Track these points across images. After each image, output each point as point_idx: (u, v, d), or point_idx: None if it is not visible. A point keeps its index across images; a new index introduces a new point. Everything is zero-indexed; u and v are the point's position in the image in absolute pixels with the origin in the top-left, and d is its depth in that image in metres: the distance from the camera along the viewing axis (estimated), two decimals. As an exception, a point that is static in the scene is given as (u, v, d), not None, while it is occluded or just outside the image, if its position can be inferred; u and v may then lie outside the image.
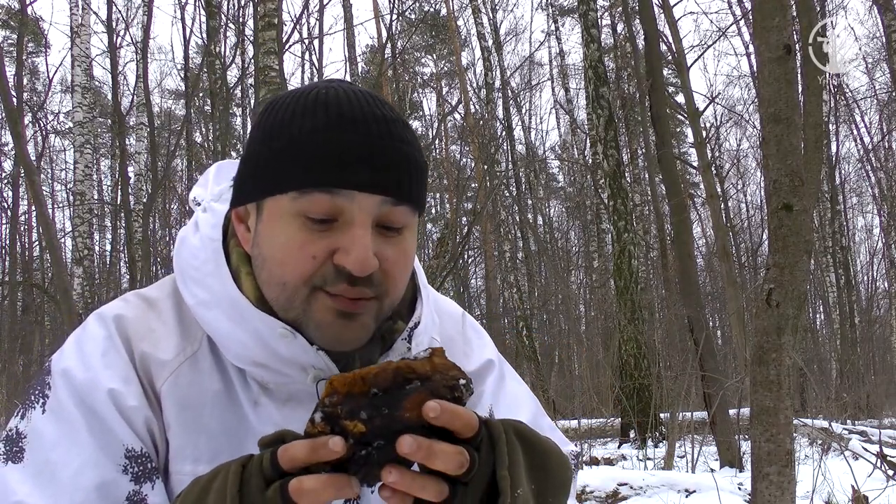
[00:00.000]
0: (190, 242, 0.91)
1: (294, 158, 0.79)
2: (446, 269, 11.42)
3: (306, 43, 16.91)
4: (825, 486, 5.35)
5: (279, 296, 0.83)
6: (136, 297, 0.92)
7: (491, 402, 1.00)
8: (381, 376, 0.65)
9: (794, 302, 2.80)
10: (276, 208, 0.81)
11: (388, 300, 0.84)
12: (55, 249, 10.12)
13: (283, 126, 0.81)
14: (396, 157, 0.80)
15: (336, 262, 0.79)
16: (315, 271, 0.80)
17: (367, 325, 0.83)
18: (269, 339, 0.83)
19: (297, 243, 0.80)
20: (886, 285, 21.80)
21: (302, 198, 0.79)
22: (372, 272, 0.80)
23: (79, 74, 12.35)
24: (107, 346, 0.85)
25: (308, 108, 0.81)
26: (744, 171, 24.27)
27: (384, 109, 0.82)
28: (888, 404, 15.18)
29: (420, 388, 0.65)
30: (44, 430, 0.81)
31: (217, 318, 0.85)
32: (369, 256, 0.78)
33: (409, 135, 0.83)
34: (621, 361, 10.81)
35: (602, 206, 15.09)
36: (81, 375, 0.83)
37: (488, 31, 20.44)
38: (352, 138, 0.79)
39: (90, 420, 0.81)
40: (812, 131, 3.53)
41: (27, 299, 18.13)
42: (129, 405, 0.82)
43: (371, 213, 0.79)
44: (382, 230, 0.81)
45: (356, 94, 0.83)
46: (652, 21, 9.69)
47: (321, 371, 0.84)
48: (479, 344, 1.06)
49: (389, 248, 0.82)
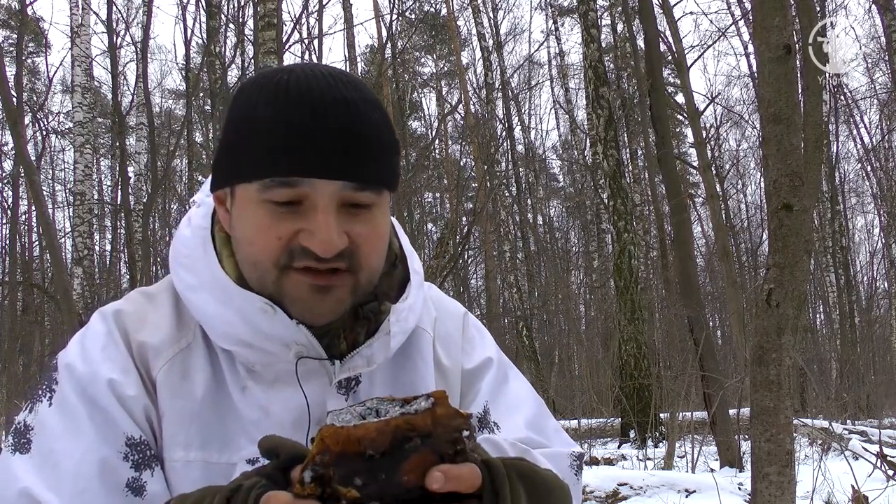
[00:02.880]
0: (182, 233, 0.95)
1: (255, 149, 0.82)
2: (446, 269, 11.42)
3: (306, 43, 16.90)
4: (825, 486, 5.35)
5: (253, 274, 0.87)
6: (138, 293, 0.96)
7: (488, 400, 1.00)
8: (379, 439, 0.61)
9: (794, 302, 2.80)
10: (244, 194, 0.85)
11: (363, 274, 0.86)
12: (55, 249, 10.12)
13: (246, 114, 0.84)
14: (357, 141, 0.82)
15: (302, 242, 0.83)
16: (282, 251, 0.84)
17: (341, 298, 0.86)
18: (252, 316, 0.86)
19: (264, 226, 0.83)
20: (886, 285, 21.79)
21: (265, 187, 0.82)
22: (340, 250, 0.83)
23: (79, 74, 12.35)
24: (106, 341, 0.89)
25: (269, 94, 0.83)
26: (744, 171, 24.30)
27: (346, 91, 0.83)
28: (888, 404, 15.18)
29: (420, 446, 0.62)
30: (49, 422, 0.84)
31: (204, 299, 0.88)
32: (333, 238, 0.82)
33: (374, 114, 0.84)
34: (621, 361, 10.81)
35: (602, 206, 15.09)
36: (82, 368, 0.86)
37: (488, 31, 20.45)
38: (310, 125, 0.81)
39: (91, 410, 0.84)
40: (812, 131, 3.53)
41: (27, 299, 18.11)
42: (128, 394, 0.86)
43: (333, 197, 0.82)
44: (349, 208, 0.84)
45: (319, 76, 0.84)
46: (652, 21, 9.69)
47: (303, 347, 0.87)
48: (481, 343, 1.06)
49: (358, 225, 0.84)
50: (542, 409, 1.03)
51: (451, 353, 1.01)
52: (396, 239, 1.00)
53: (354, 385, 0.93)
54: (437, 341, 1.01)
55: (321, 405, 0.90)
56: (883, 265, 22.32)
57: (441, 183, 22.22)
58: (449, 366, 1.00)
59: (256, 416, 0.88)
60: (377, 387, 0.94)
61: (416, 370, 0.97)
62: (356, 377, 0.93)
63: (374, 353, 0.91)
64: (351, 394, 0.92)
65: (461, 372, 1.02)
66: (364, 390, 0.93)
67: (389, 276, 0.96)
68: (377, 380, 0.94)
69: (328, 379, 0.90)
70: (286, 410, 0.88)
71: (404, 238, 1.01)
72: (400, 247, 0.99)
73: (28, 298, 17.87)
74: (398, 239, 1.00)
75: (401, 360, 0.96)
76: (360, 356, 0.90)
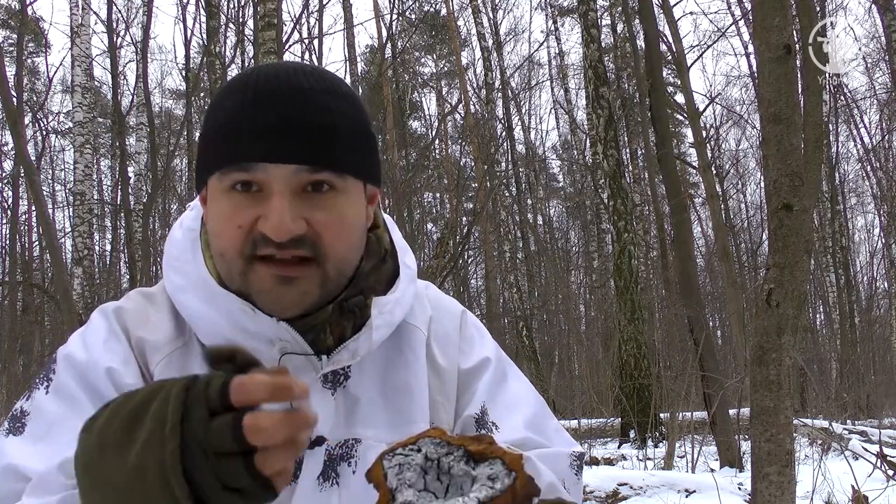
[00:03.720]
0: (174, 236, 0.96)
1: (216, 140, 0.85)
2: (446, 269, 11.42)
3: (306, 43, 16.90)
4: (825, 486, 5.35)
5: (223, 268, 0.88)
6: (137, 293, 0.98)
7: (485, 400, 0.99)
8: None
9: (794, 302, 2.80)
10: (213, 187, 0.87)
11: (329, 264, 0.86)
12: (55, 249, 10.12)
13: (212, 110, 0.88)
14: (311, 125, 0.83)
15: (259, 228, 0.83)
16: (244, 240, 0.84)
17: (307, 290, 0.86)
18: (235, 315, 0.87)
19: (227, 216, 0.85)
20: (886, 285, 21.79)
21: (224, 176, 0.84)
22: (300, 234, 0.83)
23: (79, 74, 12.35)
24: (108, 335, 0.90)
25: (232, 90, 0.86)
26: (744, 171, 24.29)
27: (305, 81, 0.85)
28: (888, 404, 15.18)
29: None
30: (46, 407, 0.85)
31: (190, 299, 0.90)
32: (285, 221, 0.82)
33: (335, 102, 0.85)
34: (621, 361, 10.81)
35: (602, 206, 15.09)
36: (82, 357, 0.88)
37: (488, 31, 20.45)
38: (263, 113, 0.82)
39: (91, 396, 0.85)
40: (812, 131, 3.53)
41: (27, 299, 18.11)
42: (126, 383, 0.86)
43: (287, 181, 0.83)
44: (310, 194, 0.84)
45: (281, 70, 0.86)
46: (652, 21, 9.69)
47: (287, 343, 0.88)
48: (480, 342, 1.05)
49: (318, 212, 0.84)
50: (542, 409, 1.03)
51: (447, 353, 1.01)
52: (387, 233, 0.99)
53: (343, 380, 0.93)
54: (432, 340, 1.00)
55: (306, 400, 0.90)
56: (883, 265, 22.33)
57: (441, 183, 22.21)
58: (445, 365, 1.00)
59: None
60: (367, 382, 0.94)
61: (407, 367, 0.97)
62: (345, 372, 0.93)
63: (359, 347, 0.91)
64: (339, 388, 0.92)
65: (458, 371, 1.01)
66: (353, 385, 0.93)
67: (378, 271, 0.96)
68: (367, 375, 0.94)
69: (315, 374, 0.90)
70: (271, 407, 0.88)
71: (396, 233, 1.01)
72: (391, 241, 0.99)
73: (28, 298, 17.87)
74: (389, 233, 1.00)
75: (392, 355, 0.96)
76: (346, 350, 0.91)
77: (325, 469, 0.90)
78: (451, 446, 0.64)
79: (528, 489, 0.62)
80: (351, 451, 0.91)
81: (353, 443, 0.91)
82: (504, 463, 0.62)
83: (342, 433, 0.91)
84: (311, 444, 0.89)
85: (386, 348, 0.95)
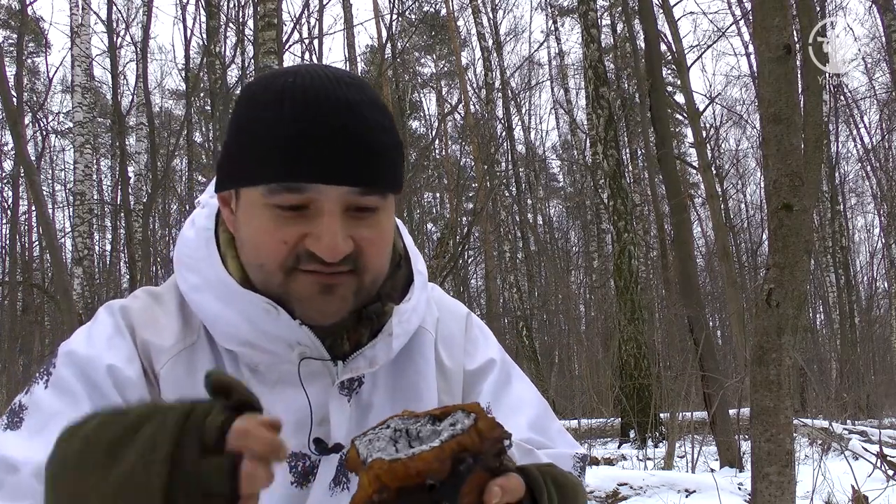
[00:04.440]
0: (185, 235, 0.95)
1: (260, 154, 0.82)
2: (446, 269, 11.41)
3: (306, 43, 16.89)
4: (825, 486, 5.35)
5: (259, 276, 0.87)
6: (144, 292, 0.97)
7: (489, 402, 1.00)
8: (438, 467, 0.60)
9: (794, 302, 2.80)
10: (250, 198, 0.85)
11: (367, 276, 0.87)
12: (55, 249, 10.12)
13: (250, 118, 0.84)
14: (363, 145, 0.82)
15: (308, 247, 0.83)
16: (288, 255, 0.84)
17: (346, 297, 0.86)
18: (255, 317, 0.86)
19: (270, 230, 0.83)
20: (886, 285, 21.78)
21: (270, 192, 0.82)
22: (349, 253, 0.83)
23: (79, 74, 12.34)
24: (113, 331, 0.90)
25: (274, 99, 0.83)
26: (744, 171, 24.28)
27: (350, 93, 0.83)
28: (888, 404, 15.18)
29: (473, 465, 0.62)
30: (44, 402, 0.85)
31: (207, 300, 0.89)
32: (338, 243, 0.82)
33: (377, 116, 0.84)
34: (621, 361, 10.81)
35: (602, 206, 15.09)
36: (84, 352, 0.87)
37: (488, 31, 20.45)
38: (315, 131, 0.80)
39: (91, 392, 0.84)
40: (812, 131, 3.53)
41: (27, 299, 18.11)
42: (127, 380, 0.86)
43: (339, 202, 0.82)
44: (355, 212, 0.84)
45: (323, 79, 0.83)
46: (652, 21, 9.69)
47: (306, 348, 0.87)
48: (484, 344, 1.06)
49: (363, 229, 0.85)
50: (545, 411, 1.03)
51: (453, 354, 1.01)
52: (401, 239, 1.00)
53: (357, 386, 0.93)
54: (439, 342, 1.01)
55: (323, 406, 0.90)
56: (883, 265, 22.32)
57: (441, 183, 22.21)
58: (451, 366, 1.00)
59: None
60: (380, 388, 0.94)
61: (417, 371, 0.97)
62: (359, 378, 0.93)
63: (376, 354, 0.91)
64: (353, 395, 0.92)
65: (463, 373, 1.02)
66: (366, 391, 0.93)
67: (393, 277, 0.96)
68: (380, 381, 0.95)
69: (331, 380, 0.90)
70: (288, 411, 0.88)
71: (408, 238, 1.01)
72: (404, 247, 1.00)
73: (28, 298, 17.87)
74: (402, 239, 1.00)
75: (403, 360, 0.96)
76: (363, 357, 0.91)
77: (337, 475, 0.90)
78: (418, 418, 0.67)
79: (497, 431, 0.63)
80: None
81: None
82: (463, 411, 0.64)
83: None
84: (329, 450, 0.89)
85: (397, 353, 0.95)
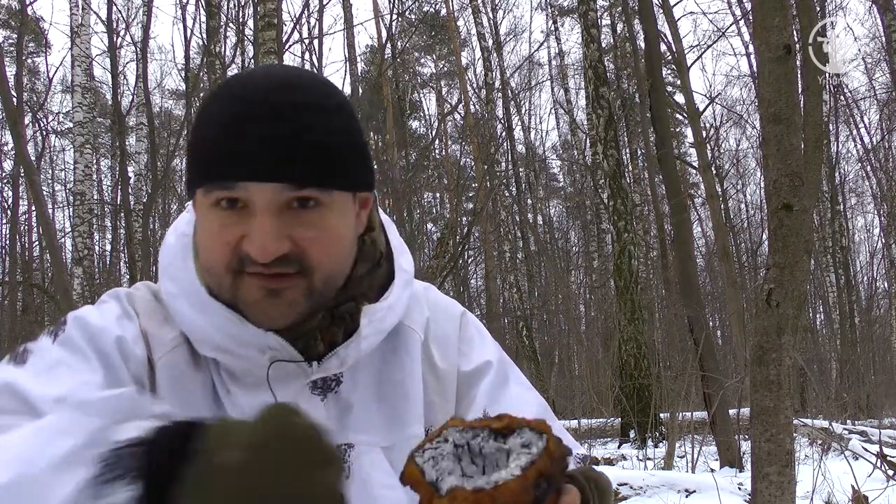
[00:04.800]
0: (167, 241, 0.95)
1: (199, 155, 0.84)
2: (446, 269, 11.41)
3: (306, 43, 16.90)
4: (825, 486, 5.35)
5: (212, 280, 0.87)
6: (145, 285, 0.97)
7: (486, 404, 0.99)
8: (523, 497, 0.58)
9: (794, 302, 2.80)
10: (199, 200, 0.86)
11: (316, 276, 0.85)
12: (55, 249, 10.12)
13: (197, 119, 0.86)
14: (296, 145, 0.81)
15: (243, 248, 0.83)
16: (231, 257, 0.84)
17: (295, 301, 0.85)
18: (222, 325, 0.86)
19: (215, 232, 0.84)
20: (886, 285, 21.79)
21: (208, 193, 0.83)
22: (284, 253, 0.82)
23: (79, 74, 12.35)
24: (121, 313, 0.90)
25: (217, 99, 0.84)
26: (744, 171, 24.28)
27: (295, 95, 0.83)
28: (888, 404, 15.18)
29: (547, 489, 0.60)
30: (51, 350, 0.84)
31: (183, 307, 0.89)
32: (269, 243, 0.81)
33: (322, 118, 0.83)
34: (621, 361, 10.81)
35: (602, 206, 15.09)
36: (95, 321, 0.88)
37: (488, 31, 20.45)
38: (246, 131, 0.81)
39: (100, 357, 0.85)
40: (812, 131, 3.53)
41: (27, 299, 18.11)
42: (133, 354, 0.87)
43: (271, 200, 0.82)
44: (296, 210, 0.83)
45: (270, 82, 0.83)
46: (652, 21, 9.70)
47: (276, 351, 0.87)
48: (480, 344, 1.04)
49: (303, 228, 0.83)
50: (545, 412, 1.02)
51: (447, 355, 1.00)
52: (384, 235, 0.98)
53: (335, 385, 0.92)
54: (431, 342, 0.99)
55: None
56: (883, 265, 22.33)
57: (441, 183, 22.20)
58: (444, 367, 0.99)
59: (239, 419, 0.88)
60: (361, 387, 0.93)
61: (402, 368, 0.96)
62: (336, 378, 0.92)
63: (348, 354, 0.91)
64: (330, 394, 0.91)
65: (458, 374, 1.00)
66: (346, 391, 0.92)
67: (371, 276, 0.94)
68: (360, 379, 0.94)
69: (306, 381, 0.90)
70: None
71: (393, 234, 1.00)
72: (387, 244, 0.98)
73: (28, 298, 17.87)
74: (386, 235, 0.98)
75: (388, 358, 0.96)
76: (336, 357, 0.90)
77: None
78: (476, 429, 0.64)
79: (562, 449, 0.63)
80: (344, 456, 0.90)
81: (346, 448, 0.91)
82: (532, 429, 0.63)
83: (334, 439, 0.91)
84: None
85: (381, 351, 0.94)
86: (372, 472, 0.91)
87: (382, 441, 0.92)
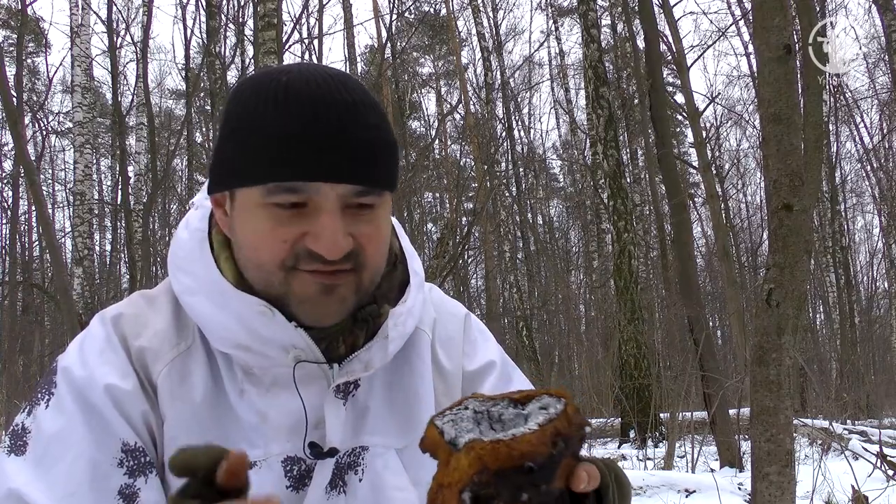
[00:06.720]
0: (179, 237, 0.94)
1: (257, 154, 0.81)
2: (446, 269, 11.41)
3: (306, 43, 16.90)
4: (825, 486, 5.35)
5: (258, 276, 0.86)
6: (139, 295, 0.96)
7: None
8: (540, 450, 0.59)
9: (794, 302, 2.80)
10: (246, 198, 0.84)
11: (365, 273, 0.86)
12: (55, 249, 10.12)
13: (246, 117, 0.83)
14: (361, 144, 0.82)
15: (307, 245, 0.82)
16: (288, 254, 0.83)
17: (345, 297, 0.85)
18: (249, 320, 0.85)
19: (269, 229, 0.83)
20: (886, 285, 21.78)
21: (268, 192, 0.82)
22: (349, 251, 0.83)
23: (79, 74, 12.34)
24: (104, 345, 0.88)
25: (269, 97, 0.82)
26: (744, 171, 24.27)
27: (347, 93, 0.83)
28: (888, 404, 15.18)
29: (565, 450, 0.61)
30: (45, 425, 0.84)
31: (201, 302, 0.88)
32: (339, 240, 0.82)
33: (373, 117, 0.84)
34: (621, 361, 10.81)
35: (602, 206, 15.08)
36: (79, 372, 0.86)
37: (488, 31, 20.45)
38: (313, 130, 0.80)
39: (87, 415, 0.84)
40: (812, 131, 3.53)
41: (27, 299, 18.13)
42: (126, 399, 0.85)
43: (338, 200, 0.82)
44: (353, 209, 0.84)
45: (318, 78, 0.83)
46: (652, 21, 9.69)
47: (301, 351, 0.87)
48: (483, 345, 1.05)
49: (362, 226, 0.84)
50: None
51: (451, 356, 1.01)
52: (397, 239, 0.99)
53: (353, 389, 0.92)
54: (436, 343, 1.00)
55: (318, 409, 0.89)
56: (883, 265, 22.32)
57: (441, 183, 22.20)
58: (449, 368, 1.00)
59: (254, 420, 0.88)
60: (376, 390, 0.94)
61: (413, 372, 0.96)
62: (355, 381, 0.92)
63: (372, 357, 0.90)
64: (349, 398, 0.92)
65: (462, 374, 1.01)
66: (363, 394, 0.93)
67: (389, 278, 0.95)
68: (376, 383, 0.94)
69: (326, 383, 0.89)
70: (283, 415, 0.88)
71: (405, 238, 1.00)
72: (400, 247, 0.99)
73: (28, 298, 17.89)
74: (398, 239, 0.99)
75: (400, 362, 0.96)
76: (359, 360, 0.90)
77: (334, 478, 0.90)
78: (495, 400, 0.66)
79: (580, 418, 0.63)
80: (358, 459, 0.91)
81: (361, 451, 0.91)
82: (551, 395, 0.64)
83: (350, 442, 0.91)
84: (324, 454, 0.89)
85: (394, 355, 0.94)
86: (385, 475, 0.91)
87: (396, 443, 0.93)
